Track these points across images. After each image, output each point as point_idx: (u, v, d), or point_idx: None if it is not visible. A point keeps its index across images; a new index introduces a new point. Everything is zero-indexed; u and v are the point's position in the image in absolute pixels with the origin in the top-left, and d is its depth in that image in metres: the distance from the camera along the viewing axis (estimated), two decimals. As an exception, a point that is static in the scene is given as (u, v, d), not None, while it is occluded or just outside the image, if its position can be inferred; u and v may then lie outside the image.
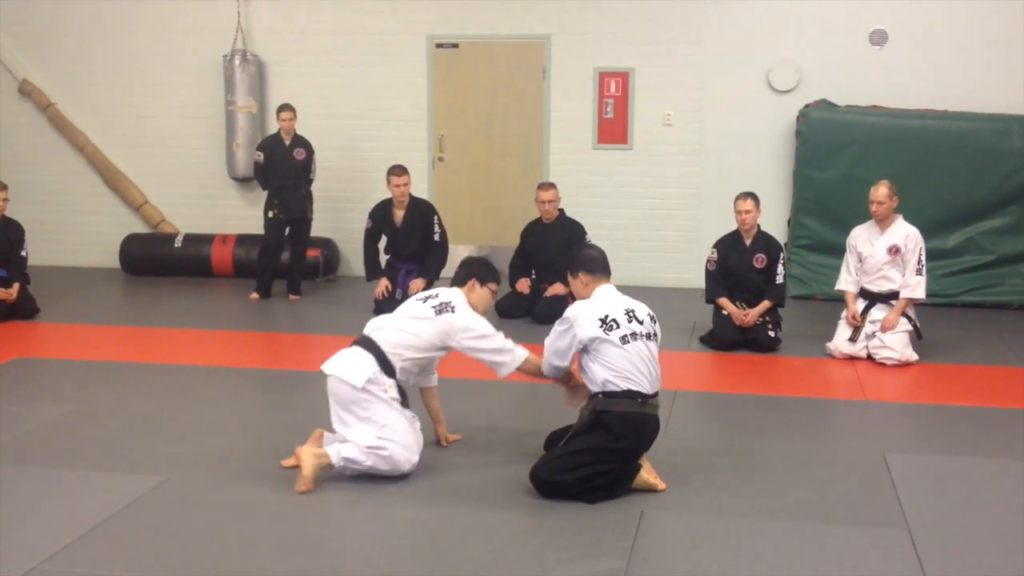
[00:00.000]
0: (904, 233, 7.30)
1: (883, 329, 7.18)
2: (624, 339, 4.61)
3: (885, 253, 7.29)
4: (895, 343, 7.14)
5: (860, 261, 7.42)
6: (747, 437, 5.58)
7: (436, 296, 4.96)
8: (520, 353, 4.91)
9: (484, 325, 4.91)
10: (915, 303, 7.31)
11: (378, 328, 4.91)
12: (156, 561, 3.92)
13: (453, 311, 4.86)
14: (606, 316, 4.64)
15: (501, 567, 3.91)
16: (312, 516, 4.37)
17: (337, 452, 4.65)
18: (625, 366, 4.59)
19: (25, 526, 4.21)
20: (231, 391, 6.47)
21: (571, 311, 4.73)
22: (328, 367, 4.79)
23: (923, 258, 7.28)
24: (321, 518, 4.36)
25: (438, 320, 4.85)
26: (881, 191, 7.28)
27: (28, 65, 10.82)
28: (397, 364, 4.79)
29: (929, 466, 5.15)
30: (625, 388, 4.58)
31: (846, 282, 7.50)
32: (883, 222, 7.34)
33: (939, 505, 4.60)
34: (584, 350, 4.67)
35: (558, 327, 4.76)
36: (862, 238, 7.44)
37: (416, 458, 4.77)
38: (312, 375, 7.02)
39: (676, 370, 6.60)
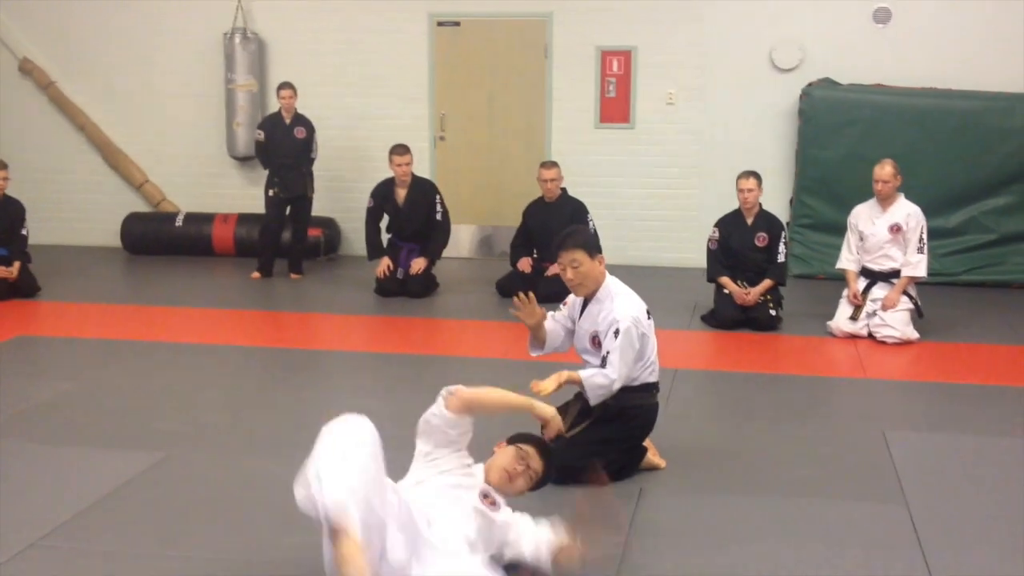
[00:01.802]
0: (906, 212, 7.28)
1: (884, 308, 7.18)
2: (653, 330, 4.59)
3: (887, 232, 7.28)
4: (896, 321, 7.13)
5: (861, 240, 7.41)
6: (747, 415, 5.59)
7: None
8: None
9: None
10: (916, 281, 7.30)
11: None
12: (156, 537, 3.93)
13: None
14: (647, 309, 4.52)
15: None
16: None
17: None
18: (653, 358, 4.57)
19: (26, 501, 4.22)
20: (232, 369, 6.48)
21: (625, 314, 4.38)
22: None
23: (924, 236, 7.26)
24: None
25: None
26: (886, 170, 7.26)
27: (28, 44, 10.79)
28: None
29: (929, 443, 5.15)
30: (644, 382, 4.55)
31: (847, 260, 7.49)
32: (885, 201, 7.32)
33: (938, 482, 4.61)
34: None
35: (623, 338, 4.34)
36: (863, 216, 7.43)
37: None
38: (313, 353, 7.08)
39: (677, 349, 6.60)
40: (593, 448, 4.46)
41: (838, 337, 7.28)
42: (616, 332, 4.38)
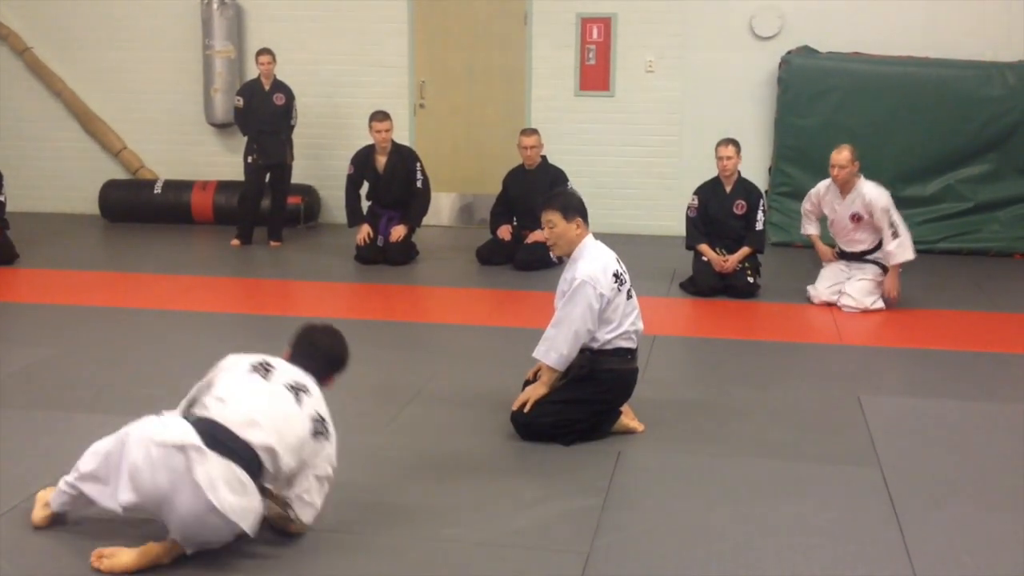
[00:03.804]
0: (864, 201, 7.11)
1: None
2: (629, 294, 4.61)
3: (848, 220, 7.26)
4: (855, 291, 7.17)
5: (830, 223, 7.42)
6: (725, 380, 5.64)
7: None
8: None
9: None
10: (896, 266, 7.16)
11: None
12: (137, 500, 3.94)
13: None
14: (616, 271, 4.53)
15: (477, 505, 3.96)
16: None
17: None
18: (629, 322, 4.59)
19: (6, 466, 4.23)
20: (211, 336, 6.48)
21: (584, 273, 4.45)
22: None
23: (895, 218, 7.07)
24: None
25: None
26: (843, 155, 7.08)
27: (3, 8, 10.68)
28: None
29: (902, 408, 5.22)
30: (618, 347, 4.58)
31: (808, 226, 7.57)
32: (844, 186, 7.19)
33: (911, 445, 4.68)
34: None
35: (572, 298, 4.44)
36: (827, 200, 7.37)
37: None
38: (293, 320, 7.06)
39: (656, 315, 6.64)
40: (559, 407, 4.55)
41: (816, 304, 7.34)
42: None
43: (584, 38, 9.92)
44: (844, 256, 7.39)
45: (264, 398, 3.51)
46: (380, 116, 8.57)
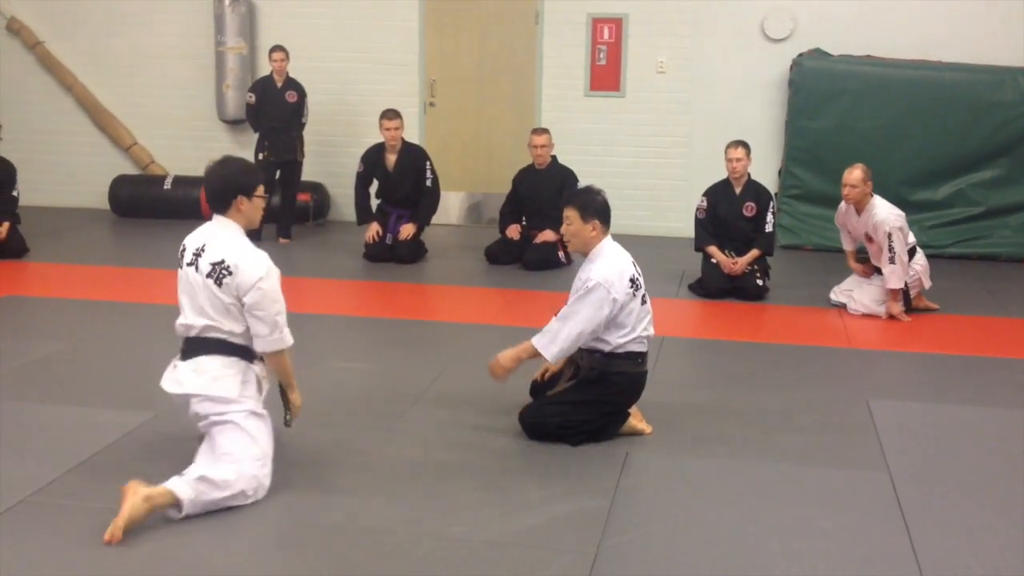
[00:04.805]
0: (873, 222, 7.02)
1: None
2: (643, 299, 4.60)
3: (865, 240, 7.23)
4: (863, 296, 7.16)
5: (854, 238, 7.37)
6: (733, 383, 5.63)
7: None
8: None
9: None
10: (895, 291, 7.04)
11: None
12: (145, 495, 3.95)
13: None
14: (633, 276, 4.51)
15: (484, 504, 3.95)
16: (299, 453, 4.40)
17: None
18: (642, 327, 4.58)
19: (15, 459, 4.24)
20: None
21: (600, 275, 4.41)
22: None
23: (895, 244, 6.89)
24: (308, 456, 4.40)
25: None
26: (855, 174, 6.99)
27: (16, 3, 10.70)
28: None
29: (911, 412, 5.21)
30: (629, 350, 4.57)
31: (843, 241, 7.51)
32: (857, 205, 7.11)
33: (920, 450, 4.66)
34: None
35: (585, 298, 4.41)
36: (847, 216, 7.29)
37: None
38: (299, 316, 7.06)
39: (664, 317, 6.61)
40: (566, 408, 4.56)
41: (826, 307, 7.31)
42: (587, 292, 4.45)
43: (595, 38, 9.91)
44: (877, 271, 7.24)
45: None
46: (390, 114, 8.57)
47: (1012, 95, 9.10)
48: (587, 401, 4.56)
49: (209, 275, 4.03)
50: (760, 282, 7.57)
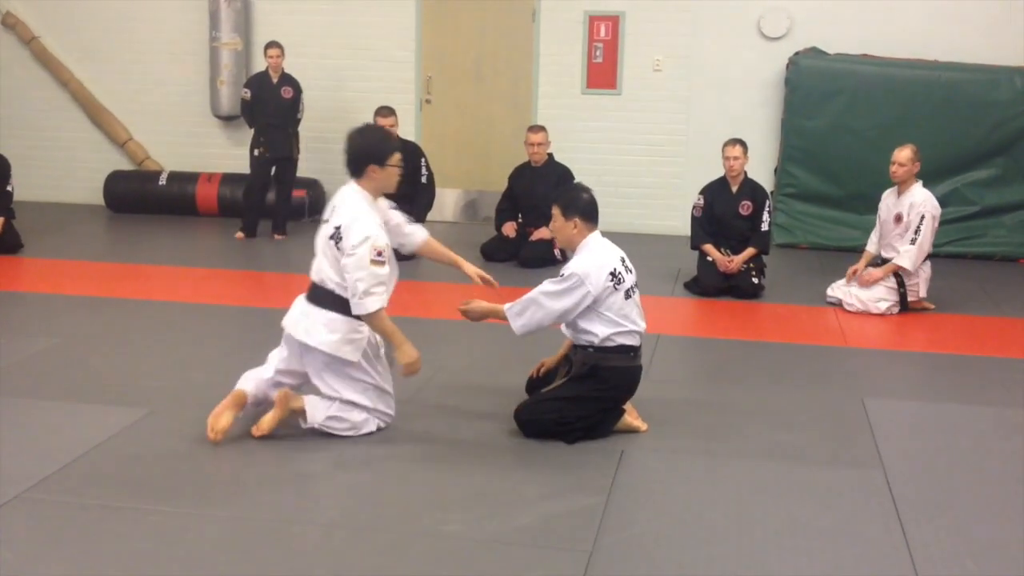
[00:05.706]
0: (910, 202, 7.10)
1: (860, 281, 7.17)
2: (628, 293, 4.58)
3: (893, 220, 7.23)
4: (862, 293, 7.18)
5: (881, 222, 7.36)
6: (728, 381, 5.64)
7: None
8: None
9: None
10: (903, 271, 7.12)
11: None
12: (139, 491, 3.94)
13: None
14: (614, 270, 4.52)
15: (480, 501, 3.95)
16: (295, 451, 4.40)
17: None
18: (630, 320, 4.58)
19: (10, 455, 4.23)
20: (215, 328, 6.48)
21: (579, 267, 4.48)
22: None
23: (924, 227, 7.00)
24: (305, 453, 4.40)
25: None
26: (904, 153, 7.06)
27: (11, -3, 10.70)
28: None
29: (906, 411, 5.22)
30: (620, 343, 4.57)
31: (870, 242, 7.50)
32: (901, 186, 7.18)
33: (915, 448, 4.67)
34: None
35: (558, 285, 4.47)
36: (884, 201, 7.35)
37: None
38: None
39: (660, 315, 6.64)
40: (562, 404, 4.56)
41: (822, 305, 7.32)
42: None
43: (592, 36, 9.91)
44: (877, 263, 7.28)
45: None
46: (385, 111, 8.56)
47: (1008, 94, 9.12)
48: (582, 397, 4.56)
49: (331, 236, 4.47)
50: (756, 281, 7.58)
